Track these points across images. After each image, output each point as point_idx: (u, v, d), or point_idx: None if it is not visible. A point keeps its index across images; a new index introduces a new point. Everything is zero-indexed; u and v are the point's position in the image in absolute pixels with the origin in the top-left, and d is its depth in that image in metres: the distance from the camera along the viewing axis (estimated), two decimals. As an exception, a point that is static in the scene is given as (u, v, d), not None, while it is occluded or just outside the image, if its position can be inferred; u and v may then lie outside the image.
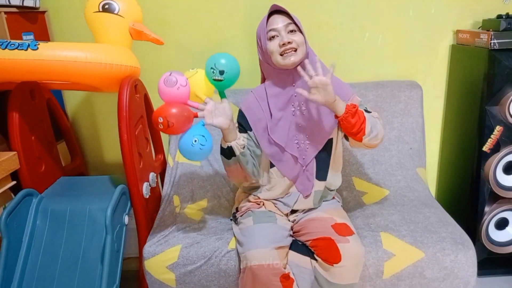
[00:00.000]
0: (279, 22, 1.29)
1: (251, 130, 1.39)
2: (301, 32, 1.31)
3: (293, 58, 1.29)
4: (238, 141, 1.30)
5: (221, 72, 1.25)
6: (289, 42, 1.28)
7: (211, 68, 1.26)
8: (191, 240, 1.45)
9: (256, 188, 1.48)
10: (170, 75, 1.23)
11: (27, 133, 1.49)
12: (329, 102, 1.23)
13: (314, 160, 1.41)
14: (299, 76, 1.33)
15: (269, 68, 1.37)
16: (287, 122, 1.39)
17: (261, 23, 1.33)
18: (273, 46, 1.30)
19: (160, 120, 1.18)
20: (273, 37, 1.30)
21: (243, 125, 1.40)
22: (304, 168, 1.41)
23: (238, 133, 1.32)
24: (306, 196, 1.43)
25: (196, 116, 1.24)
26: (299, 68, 1.27)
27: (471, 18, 1.88)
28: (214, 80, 1.27)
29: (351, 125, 1.26)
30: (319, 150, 1.40)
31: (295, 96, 1.37)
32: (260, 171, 1.42)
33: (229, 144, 1.29)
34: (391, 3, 1.87)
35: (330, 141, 1.41)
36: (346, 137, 1.42)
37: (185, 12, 1.87)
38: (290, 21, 1.30)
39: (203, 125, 1.23)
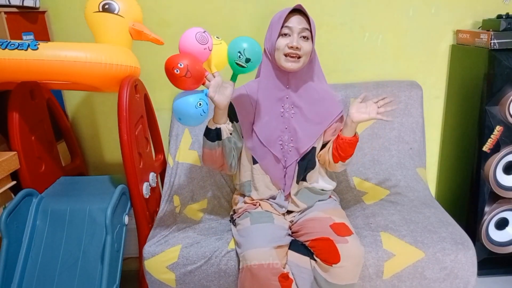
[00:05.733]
0: (296, 22, 1.29)
1: (237, 121, 1.39)
2: (312, 41, 1.31)
3: (294, 65, 1.30)
4: (228, 125, 1.29)
5: (247, 60, 1.18)
6: (297, 48, 1.28)
7: (239, 52, 1.18)
8: (191, 240, 1.45)
9: (246, 187, 1.47)
10: (204, 32, 1.17)
11: (27, 133, 1.48)
12: (358, 122, 1.32)
13: (296, 164, 1.41)
14: (294, 79, 1.34)
15: (268, 62, 1.37)
16: (274, 121, 1.39)
17: (279, 14, 1.32)
18: (281, 44, 1.30)
19: (181, 65, 1.10)
20: (285, 34, 1.30)
21: (230, 115, 1.35)
22: (285, 169, 1.41)
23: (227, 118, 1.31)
24: (286, 197, 1.44)
25: (203, 83, 1.20)
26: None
27: (471, 18, 1.88)
28: (236, 63, 1.20)
29: (346, 150, 1.34)
30: (301, 155, 1.40)
31: (287, 98, 1.37)
32: (237, 165, 1.43)
33: (218, 125, 1.27)
34: (391, 3, 1.87)
35: (313, 149, 1.42)
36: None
37: (185, 12, 1.87)
38: (307, 27, 1.30)
39: (206, 94, 1.20)
